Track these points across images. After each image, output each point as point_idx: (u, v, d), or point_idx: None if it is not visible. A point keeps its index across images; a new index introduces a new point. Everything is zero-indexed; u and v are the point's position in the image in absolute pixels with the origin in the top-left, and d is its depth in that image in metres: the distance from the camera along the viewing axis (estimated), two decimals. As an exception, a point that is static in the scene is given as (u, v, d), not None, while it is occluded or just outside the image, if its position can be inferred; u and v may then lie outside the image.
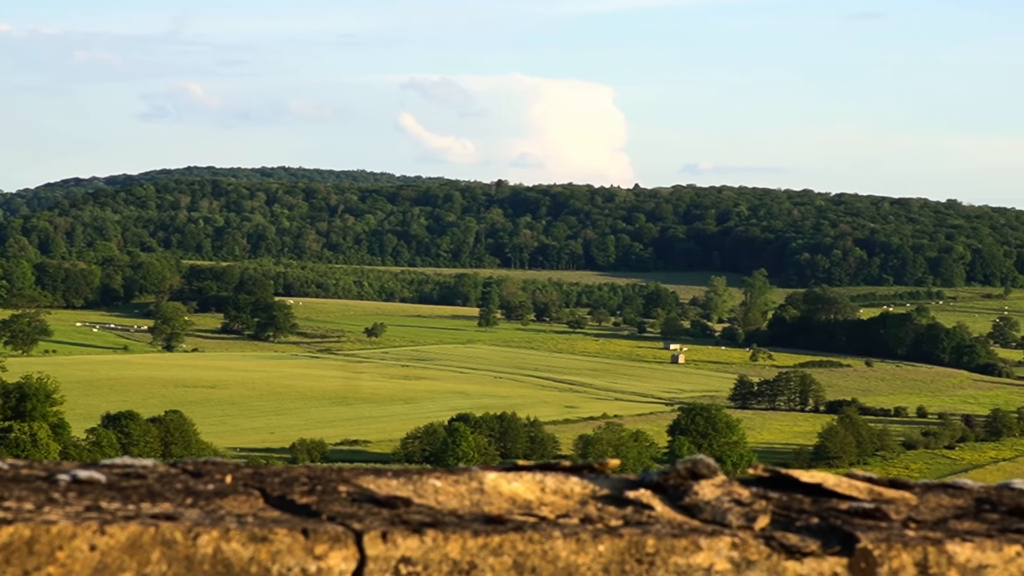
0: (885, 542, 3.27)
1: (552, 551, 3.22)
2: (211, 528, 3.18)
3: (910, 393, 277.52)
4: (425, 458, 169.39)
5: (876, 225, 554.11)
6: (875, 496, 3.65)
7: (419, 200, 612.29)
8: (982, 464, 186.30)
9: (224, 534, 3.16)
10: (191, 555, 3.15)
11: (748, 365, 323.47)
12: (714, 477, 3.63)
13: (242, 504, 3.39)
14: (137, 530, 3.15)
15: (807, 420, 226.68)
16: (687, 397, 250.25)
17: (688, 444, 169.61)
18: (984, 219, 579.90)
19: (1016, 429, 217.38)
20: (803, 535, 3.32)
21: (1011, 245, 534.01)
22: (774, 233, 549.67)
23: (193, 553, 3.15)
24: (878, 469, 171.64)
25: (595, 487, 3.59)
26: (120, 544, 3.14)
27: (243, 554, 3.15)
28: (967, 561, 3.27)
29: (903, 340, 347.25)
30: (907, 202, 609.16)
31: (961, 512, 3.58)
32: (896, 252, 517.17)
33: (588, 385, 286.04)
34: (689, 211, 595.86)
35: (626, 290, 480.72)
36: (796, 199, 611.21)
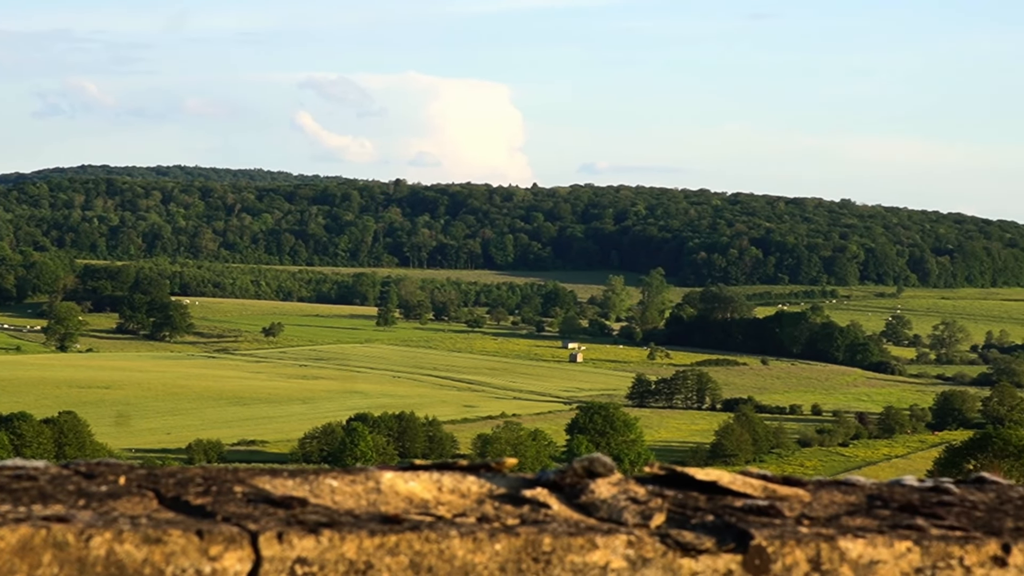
0: (779, 539, 3.29)
1: (449, 550, 3.20)
2: (104, 530, 3.12)
3: (805, 391, 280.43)
4: (323, 458, 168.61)
5: (771, 224, 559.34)
6: (769, 493, 3.66)
7: (317, 199, 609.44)
8: (875, 461, 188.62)
9: (117, 536, 3.11)
10: (83, 557, 3.09)
11: (646, 364, 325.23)
12: (610, 475, 3.61)
13: (136, 505, 3.32)
14: (28, 532, 3.10)
15: (704, 418, 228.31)
16: (585, 396, 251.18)
17: (586, 443, 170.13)
18: (877, 219, 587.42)
19: (908, 426, 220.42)
20: (698, 533, 3.33)
21: (904, 244, 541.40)
22: (671, 232, 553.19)
23: (85, 555, 3.09)
24: (774, 467, 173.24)
25: (492, 486, 3.57)
26: (11, 547, 3.08)
27: (136, 556, 3.10)
28: (859, 557, 3.29)
29: (798, 338, 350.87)
30: (802, 202, 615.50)
31: (853, 509, 3.60)
32: (791, 251, 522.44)
33: (487, 384, 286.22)
34: (587, 210, 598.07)
35: (524, 289, 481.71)
36: (693, 199, 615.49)
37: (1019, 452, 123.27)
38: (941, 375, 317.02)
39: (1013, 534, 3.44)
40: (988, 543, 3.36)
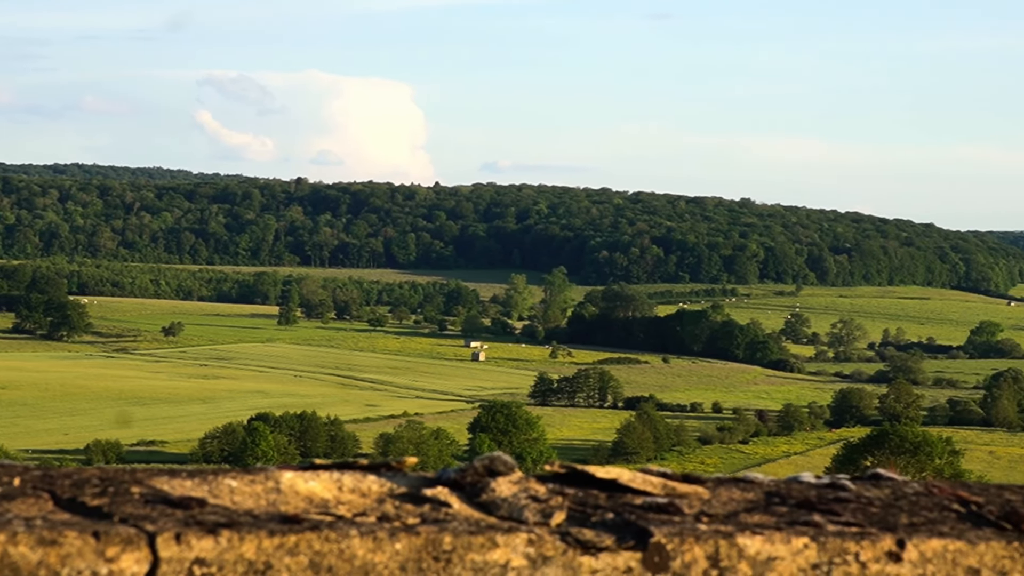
0: (678, 536, 3.31)
1: (349, 550, 3.18)
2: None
3: (706, 389, 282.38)
4: (224, 458, 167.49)
5: (672, 223, 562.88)
6: (669, 491, 3.68)
7: (217, 198, 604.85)
8: (775, 458, 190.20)
9: (11, 537, 3.05)
10: None
11: (548, 362, 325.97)
12: (511, 474, 3.61)
13: (31, 507, 3.26)
14: None
15: (606, 416, 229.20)
16: (487, 395, 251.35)
17: (488, 441, 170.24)
18: (776, 218, 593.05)
19: (807, 423, 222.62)
20: (598, 530, 3.33)
21: (802, 243, 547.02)
22: (573, 231, 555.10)
23: None
24: (675, 464, 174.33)
25: (393, 485, 3.56)
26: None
27: (31, 558, 3.04)
28: (757, 554, 3.31)
29: (699, 337, 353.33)
30: (702, 201, 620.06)
31: (752, 505, 3.63)
32: (692, 250, 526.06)
33: (389, 383, 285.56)
34: (489, 209, 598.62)
35: (427, 288, 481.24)
36: (595, 197, 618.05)
37: (915, 448, 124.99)
38: (839, 373, 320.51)
39: (907, 530, 3.48)
40: (883, 539, 3.40)
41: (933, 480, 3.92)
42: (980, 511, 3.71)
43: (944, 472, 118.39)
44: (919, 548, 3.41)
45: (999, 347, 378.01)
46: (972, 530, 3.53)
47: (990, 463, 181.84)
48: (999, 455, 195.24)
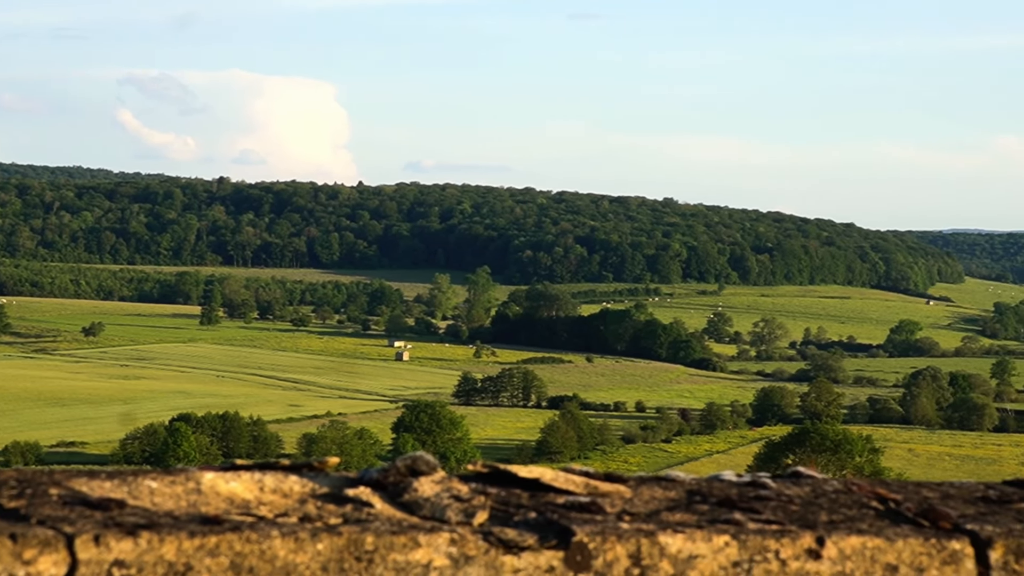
0: (600, 535, 3.30)
1: (270, 550, 3.16)
2: None
3: (629, 388, 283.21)
4: (145, 459, 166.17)
5: (596, 223, 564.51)
6: (591, 490, 3.67)
7: (138, 197, 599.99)
8: (697, 457, 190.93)
9: None
10: None
11: (472, 362, 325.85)
12: (434, 474, 3.60)
13: (-55, 510, 3.19)
14: None
15: (530, 416, 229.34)
16: (411, 394, 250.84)
17: (412, 441, 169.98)
18: (699, 217, 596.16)
19: (729, 422, 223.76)
20: (521, 530, 3.33)
21: (724, 243, 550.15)
22: (497, 231, 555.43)
23: None
24: (598, 463, 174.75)
25: (315, 486, 3.54)
26: None
27: (-54, 561, 2.96)
28: (678, 552, 3.33)
29: (622, 336, 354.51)
30: (626, 200, 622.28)
31: (673, 504, 3.65)
32: (615, 249, 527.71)
33: (312, 383, 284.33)
34: (413, 209, 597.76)
35: (350, 288, 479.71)
36: (518, 197, 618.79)
37: (835, 447, 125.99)
38: (761, 371, 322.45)
39: (827, 527, 3.51)
40: (803, 536, 3.43)
41: (852, 478, 4.01)
42: (898, 508, 3.75)
43: (864, 470, 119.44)
44: (838, 545, 3.43)
45: (918, 346, 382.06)
46: (890, 527, 3.56)
47: (909, 461, 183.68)
48: (918, 453, 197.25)
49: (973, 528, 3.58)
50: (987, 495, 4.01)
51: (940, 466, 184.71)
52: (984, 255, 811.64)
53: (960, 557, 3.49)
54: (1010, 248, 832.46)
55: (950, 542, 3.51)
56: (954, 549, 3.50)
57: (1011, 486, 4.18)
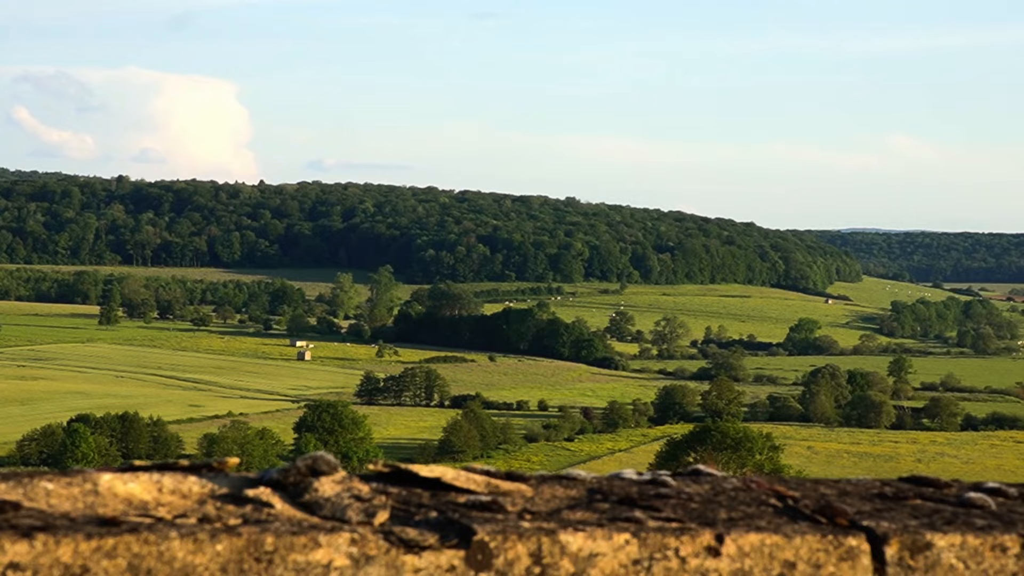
0: (501, 534, 3.30)
1: (168, 552, 3.12)
2: None
3: (532, 387, 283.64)
4: (43, 460, 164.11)
5: (498, 222, 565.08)
6: (492, 489, 3.67)
7: (35, 196, 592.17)
8: (599, 455, 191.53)
9: None
10: None
11: (374, 361, 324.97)
12: (334, 474, 3.57)
13: None
14: None
15: (432, 415, 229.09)
16: (313, 394, 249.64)
17: (314, 441, 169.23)
18: (601, 216, 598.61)
19: (631, 420, 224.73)
20: (422, 529, 3.32)
21: (626, 242, 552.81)
22: (399, 230, 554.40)
23: None
24: (501, 462, 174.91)
25: (214, 486, 3.50)
26: None
27: None
28: (579, 550, 3.33)
29: (525, 335, 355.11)
30: (528, 200, 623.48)
31: (574, 503, 3.65)
32: (518, 249, 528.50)
33: (213, 383, 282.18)
34: (315, 208, 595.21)
35: (252, 287, 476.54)
36: (421, 196, 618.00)
37: (736, 444, 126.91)
38: (663, 370, 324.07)
39: (726, 524, 3.54)
40: (703, 534, 3.44)
41: (751, 475, 4.00)
42: (796, 505, 3.78)
43: (764, 467, 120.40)
44: (737, 542, 3.45)
45: (817, 344, 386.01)
46: (788, 524, 3.59)
47: (808, 458, 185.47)
48: (817, 450, 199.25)
49: (869, 524, 3.62)
50: (883, 492, 4.06)
51: (838, 463, 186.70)
52: (881, 254, 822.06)
53: (856, 553, 3.52)
54: (907, 247, 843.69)
55: (847, 538, 3.54)
56: (851, 545, 3.53)
57: (906, 483, 4.22)
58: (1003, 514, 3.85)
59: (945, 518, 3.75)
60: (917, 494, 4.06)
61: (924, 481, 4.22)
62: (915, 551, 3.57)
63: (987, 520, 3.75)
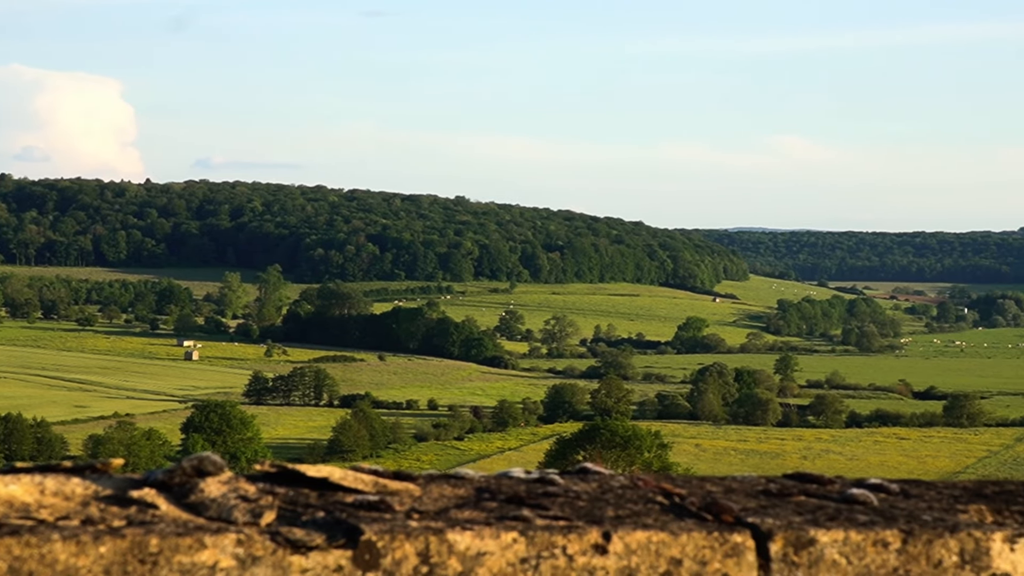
0: (388, 533, 3.30)
1: (51, 554, 3.07)
2: None
3: (421, 386, 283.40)
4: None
5: (388, 221, 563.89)
6: (380, 488, 3.66)
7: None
8: (489, 454, 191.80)
9: None
10: None
11: (263, 361, 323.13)
12: (220, 474, 3.54)
13: None
14: None
15: (322, 415, 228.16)
16: (201, 394, 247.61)
17: (202, 442, 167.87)
18: (491, 215, 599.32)
19: (521, 419, 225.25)
20: (309, 529, 3.30)
21: (516, 241, 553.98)
22: (288, 229, 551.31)
23: None
24: (390, 462, 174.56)
25: (98, 488, 3.44)
26: None
27: None
28: (467, 549, 3.32)
29: (415, 334, 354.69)
30: (417, 198, 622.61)
31: (462, 502, 3.64)
32: (407, 248, 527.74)
33: (99, 384, 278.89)
34: (202, 206, 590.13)
35: (138, 287, 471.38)
36: (309, 195, 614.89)
37: (625, 442, 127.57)
38: (552, 369, 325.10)
39: (614, 522, 3.54)
40: (590, 532, 3.44)
41: (639, 473, 4.03)
42: (683, 503, 3.81)
43: (653, 465, 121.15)
44: (624, 540, 3.46)
45: (705, 342, 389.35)
46: (675, 521, 3.61)
47: (696, 455, 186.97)
48: (705, 448, 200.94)
49: (754, 521, 3.64)
50: (768, 489, 4.09)
51: (726, 460, 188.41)
52: (768, 253, 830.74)
53: (741, 550, 3.54)
54: (792, 246, 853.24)
55: (732, 535, 3.56)
56: (736, 542, 3.55)
57: (791, 480, 4.24)
58: (885, 510, 3.89)
59: (828, 514, 3.79)
60: (801, 491, 4.09)
61: (808, 478, 4.24)
62: (799, 547, 3.60)
63: (869, 516, 3.79)
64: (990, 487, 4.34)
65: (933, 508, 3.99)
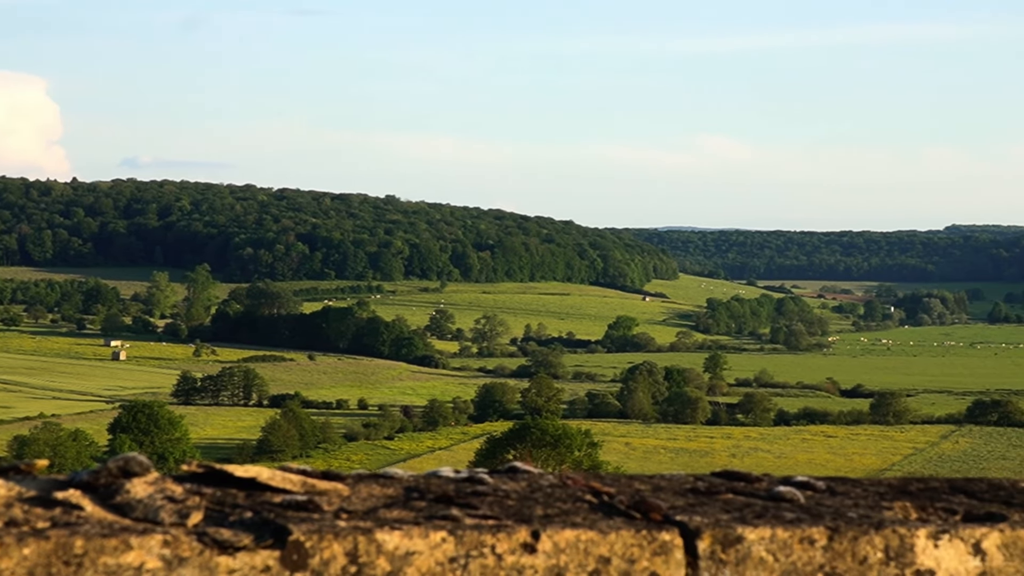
0: (317, 533, 3.28)
1: (-27, 557, 3.03)
2: None
3: (352, 386, 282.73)
4: None
5: (318, 220, 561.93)
6: (309, 488, 3.65)
7: None
8: (419, 454, 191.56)
9: None
10: None
11: (192, 361, 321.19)
12: (147, 475, 3.53)
13: None
14: None
15: (251, 415, 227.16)
16: (129, 394, 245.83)
17: (129, 442, 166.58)
18: (421, 215, 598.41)
19: (452, 418, 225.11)
20: (236, 529, 3.28)
21: (446, 240, 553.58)
22: (217, 228, 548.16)
23: None
24: (320, 462, 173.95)
25: (21, 489, 3.41)
26: None
27: None
28: (395, 549, 3.33)
29: (345, 334, 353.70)
30: (347, 198, 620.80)
31: (391, 501, 3.64)
32: (337, 247, 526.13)
33: (24, 384, 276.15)
34: (130, 205, 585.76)
35: (64, 286, 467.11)
36: (239, 194, 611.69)
37: (555, 441, 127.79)
38: (483, 368, 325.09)
39: (542, 521, 3.55)
40: (519, 530, 3.45)
41: (568, 472, 4.05)
42: (612, 501, 3.81)
43: (583, 464, 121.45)
44: (553, 539, 3.47)
45: (635, 341, 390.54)
46: (603, 520, 3.61)
47: (626, 454, 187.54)
48: (635, 446, 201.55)
49: (682, 519, 3.67)
50: (696, 487, 4.11)
51: (655, 459, 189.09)
52: (697, 252, 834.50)
53: (670, 548, 3.56)
54: (721, 245, 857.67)
55: (660, 533, 3.57)
56: (664, 540, 3.56)
57: (719, 477, 4.27)
58: (811, 507, 3.92)
59: (756, 512, 3.81)
60: (729, 488, 4.11)
61: (736, 476, 4.26)
62: (726, 545, 3.61)
63: (796, 513, 3.82)
64: (915, 484, 4.38)
65: (859, 505, 4.00)
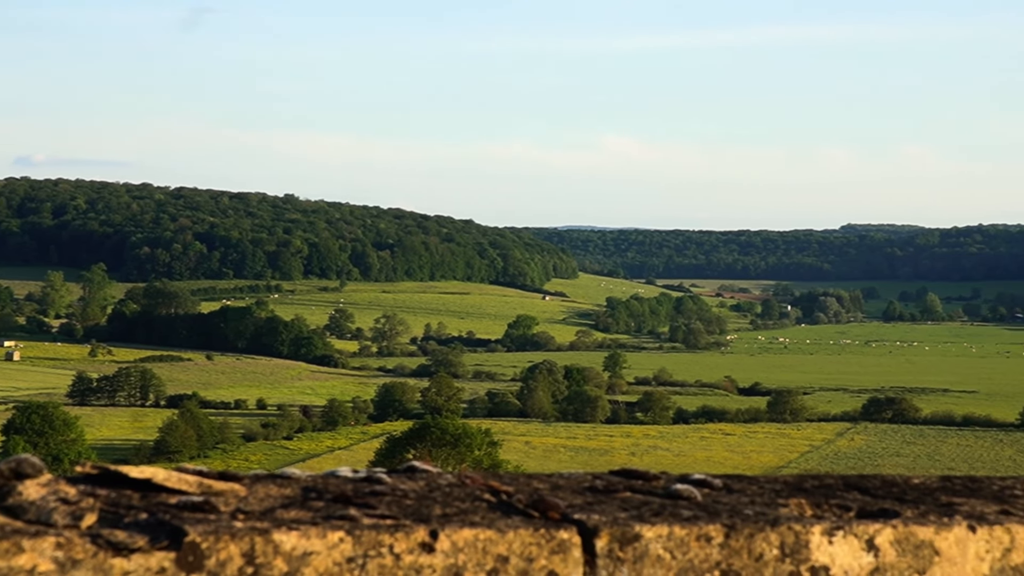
0: (213, 534, 3.26)
1: None
2: None
3: (250, 385, 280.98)
4: None
5: (216, 219, 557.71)
6: (205, 489, 3.63)
7: None
8: (319, 453, 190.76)
9: None
10: None
11: (87, 361, 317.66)
12: (39, 476, 3.48)
13: None
14: None
15: (148, 415, 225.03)
16: (23, 395, 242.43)
17: (23, 444, 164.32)
18: (320, 214, 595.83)
19: (351, 418, 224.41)
20: (131, 531, 3.25)
21: (346, 239, 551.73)
22: (113, 227, 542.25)
23: None
24: (218, 462, 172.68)
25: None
26: None
27: None
28: (293, 549, 3.31)
29: (243, 333, 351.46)
30: (246, 197, 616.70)
31: (288, 502, 3.63)
32: (235, 246, 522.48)
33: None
34: (23, 204, 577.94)
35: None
36: (135, 193, 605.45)
37: (455, 440, 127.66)
38: (383, 367, 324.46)
39: (441, 520, 3.56)
40: (417, 530, 3.46)
41: (467, 471, 4.08)
42: (510, 500, 3.83)
43: (483, 463, 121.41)
44: (451, 538, 3.47)
45: (535, 340, 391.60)
46: (502, 519, 3.63)
47: (526, 453, 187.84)
48: (535, 445, 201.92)
49: (580, 518, 3.67)
50: (594, 485, 4.11)
51: (555, 458, 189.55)
52: (597, 251, 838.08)
53: (568, 546, 3.57)
54: (621, 244, 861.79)
55: (558, 532, 3.58)
56: (562, 538, 3.57)
57: (617, 476, 4.27)
58: (708, 505, 3.95)
59: (653, 510, 3.83)
60: (627, 487, 4.11)
61: (634, 474, 4.26)
62: (624, 543, 3.62)
63: (693, 511, 3.85)
64: (810, 481, 4.42)
65: (755, 503, 4.04)
